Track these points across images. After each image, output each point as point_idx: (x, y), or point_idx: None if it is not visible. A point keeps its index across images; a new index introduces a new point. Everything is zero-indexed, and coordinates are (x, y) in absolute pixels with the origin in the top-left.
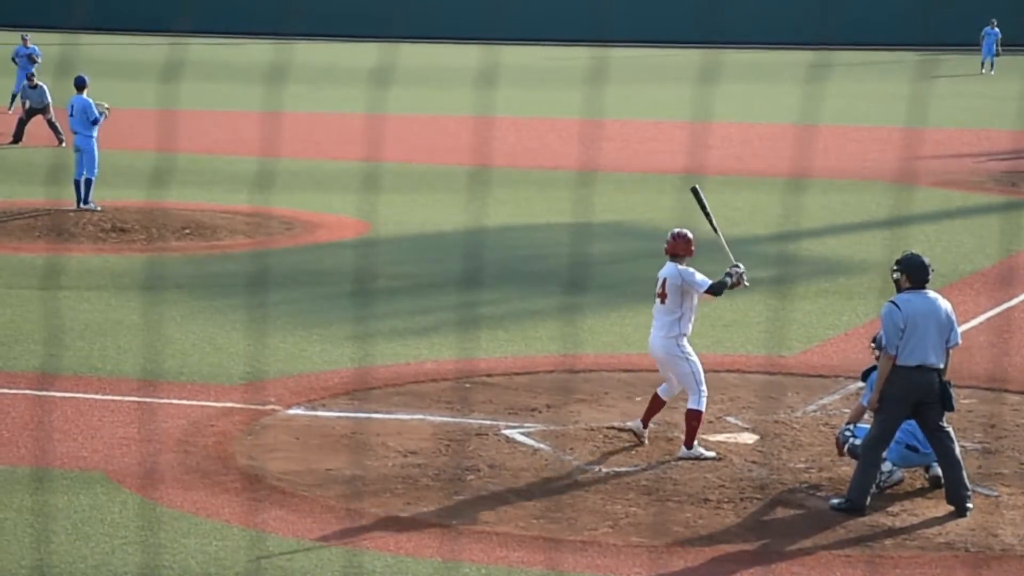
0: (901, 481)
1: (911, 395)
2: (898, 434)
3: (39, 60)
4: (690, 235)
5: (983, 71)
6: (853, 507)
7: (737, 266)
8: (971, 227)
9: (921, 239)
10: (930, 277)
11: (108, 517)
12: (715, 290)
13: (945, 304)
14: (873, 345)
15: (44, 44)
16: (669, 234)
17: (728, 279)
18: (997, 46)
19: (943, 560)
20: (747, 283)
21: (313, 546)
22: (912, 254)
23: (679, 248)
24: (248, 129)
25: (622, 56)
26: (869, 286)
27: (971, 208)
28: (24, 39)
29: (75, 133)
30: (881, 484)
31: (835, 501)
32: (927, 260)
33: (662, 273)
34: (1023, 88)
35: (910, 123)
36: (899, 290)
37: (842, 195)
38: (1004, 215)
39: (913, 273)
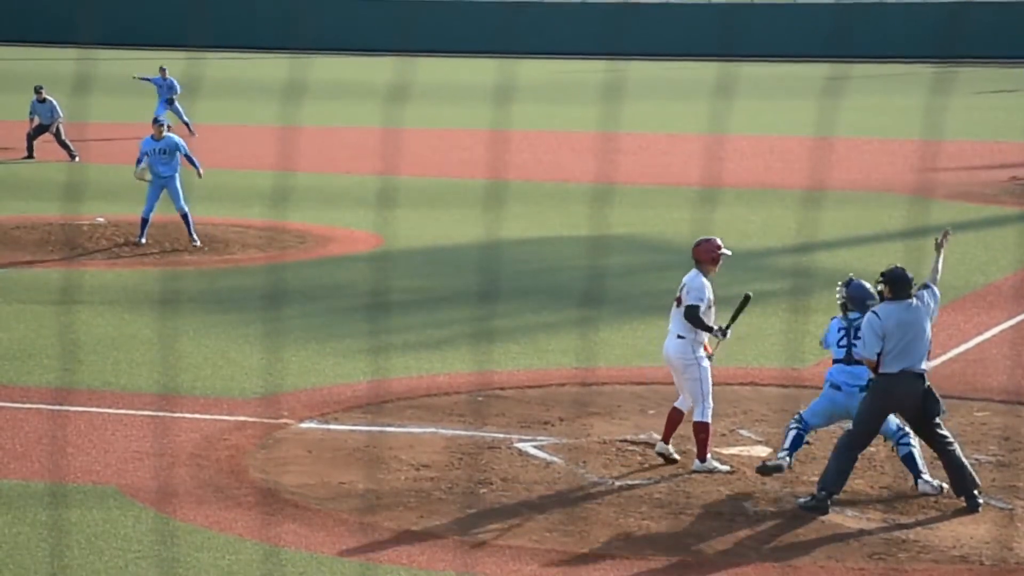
0: (781, 470)
1: (893, 401)
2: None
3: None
4: (716, 242)
5: None
6: (818, 505)
7: (722, 328)
8: (986, 239)
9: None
10: (912, 290)
11: (122, 531)
12: (689, 316)
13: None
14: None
15: (62, 59)
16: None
17: (710, 325)
18: None
19: (958, 573)
20: (727, 336)
21: (327, 560)
22: (896, 267)
23: (700, 254)
24: (262, 144)
25: (637, 69)
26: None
27: (986, 220)
28: (163, 70)
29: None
30: (772, 462)
31: (802, 500)
32: (910, 274)
33: (684, 279)
34: None
35: (925, 135)
36: (882, 301)
37: (857, 207)
38: (1019, 227)
39: (895, 285)
